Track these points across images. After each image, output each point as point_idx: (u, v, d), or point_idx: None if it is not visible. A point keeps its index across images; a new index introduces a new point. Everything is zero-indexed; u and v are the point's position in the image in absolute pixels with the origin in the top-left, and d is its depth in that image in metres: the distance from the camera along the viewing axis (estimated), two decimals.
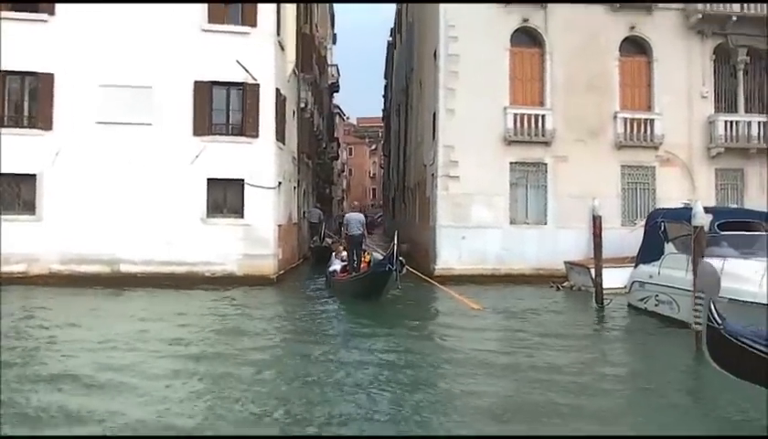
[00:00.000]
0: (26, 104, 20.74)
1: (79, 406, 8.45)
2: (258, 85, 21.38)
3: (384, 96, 61.36)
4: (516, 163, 23.07)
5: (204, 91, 21.19)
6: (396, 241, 16.76)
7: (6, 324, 13.83)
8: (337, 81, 49.27)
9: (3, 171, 20.29)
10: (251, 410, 8.51)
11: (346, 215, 20.48)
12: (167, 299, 18.27)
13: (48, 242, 20.31)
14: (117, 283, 20.07)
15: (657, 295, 15.58)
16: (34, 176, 20.51)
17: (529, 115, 23.01)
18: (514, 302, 18.67)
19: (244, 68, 21.20)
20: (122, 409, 8.36)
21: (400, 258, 16.86)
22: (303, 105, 28.18)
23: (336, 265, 20.60)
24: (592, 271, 19.93)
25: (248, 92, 21.40)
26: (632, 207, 23.53)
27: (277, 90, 22.13)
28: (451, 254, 22.67)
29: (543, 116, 23.07)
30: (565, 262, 21.71)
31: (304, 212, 29.90)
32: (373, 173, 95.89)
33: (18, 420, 7.97)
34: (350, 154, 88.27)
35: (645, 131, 23.45)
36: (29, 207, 20.56)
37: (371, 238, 35.24)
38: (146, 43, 20.79)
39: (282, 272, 22.67)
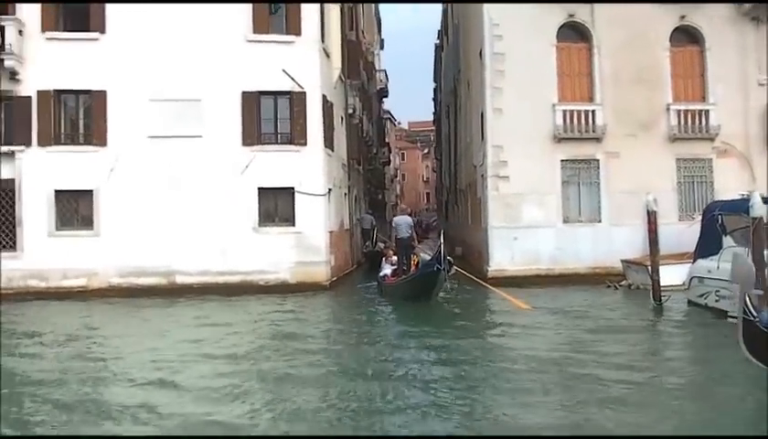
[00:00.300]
0: (81, 122, 21.34)
1: (143, 405, 8.66)
2: (304, 93, 21.55)
3: (434, 99, 61.20)
4: (566, 160, 22.68)
5: (252, 102, 21.45)
6: (442, 241, 16.85)
7: (73, 335, 14.42)
8: (386, 86, 49.34)
9: (62, 188, 20.88)
10: (309, 407, 8.65)
11: (395, 218, 20.59)
12: (223, 308, 18.45)
13: (106, 256, 20.82)
14: (174, 294, 20.44)
15: (717, 291, 15.11)
16: (91, 191, 21.06)
17: (579, 111, 22.61)
18: (568, 301, 18.39)
19: (290, 76, 21.39)
20: (184, 410, 8.54)
21: (449, 258, 16.96)
22: (351, 111, 28.28)
23: (387, 270, 20.60)
24: (650, 268, 19.59)
25: (295, 101, 21.59)
26: (689, 201, 22.90)
27: (324, 97, 22.27)
28: (503, 255, 22.41)
29: (593, 112, 22.65)
30: (622, 261, 21.25)
31: (356, 218, 29.99)
32: (426, 177, 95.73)
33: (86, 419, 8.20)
34: (403, 158, 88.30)
35: (700, 122, 22.81)
36: (87, 222, 21.11)
37: (426, 242, 35.33)
38: (194, 56, 21.15)
39: (334, 278, 22.75)
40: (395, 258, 20.51)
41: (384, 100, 58.15)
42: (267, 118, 21.76)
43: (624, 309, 17.07)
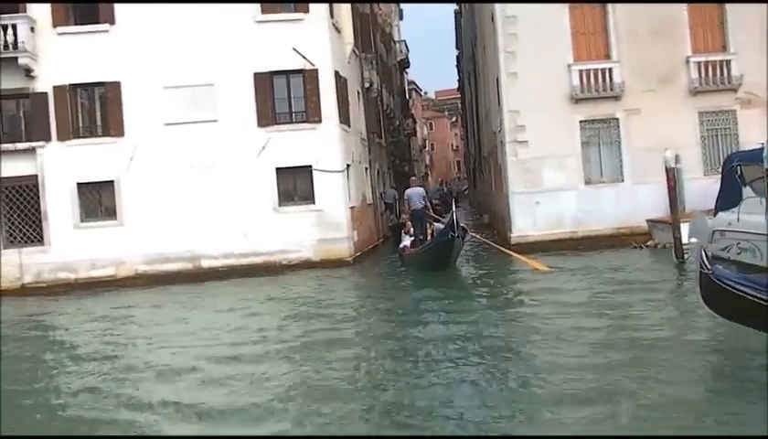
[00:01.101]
0: (98, 114, 21.57)
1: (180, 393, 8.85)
2: (316, 70, 21.50)
3: (457, 66, 60.59)
4: (585, 121, 22.31)
5: (264, 82, 21.48)
6: (454, 209, 17.32)
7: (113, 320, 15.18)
8: (407, 57, 48.99)
9: (84, 180, 21.21)
10: (337, 376, 8.99)
11: (407, 191, 20.77)
12: (248, 289, 18.70)
13: (131, 245, 21.13)
14: (200, 277, 20.74)
15: (739, 243, 14.82)
16: (112, 182, 21.35)
17: (596, 70, 22.16)
18: (591, 262, 18.39)
19: (301, 54, 21.34)
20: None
21: (462, 225, 17.44)
22: (367, 85, 28.15)
23: (406, 241, 20.79)
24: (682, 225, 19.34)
25: (307, 78, 21.57)
26: (713, 155, 22.37)
27: (336, 73, 22.19)
28: (525, 221, 22.22)
29: (610, 69, 22.18)
30: (647, 220, 20.97)
31: (379, 192, 29.98)
32: (456, 145, 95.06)
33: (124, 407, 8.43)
34: (431, 128, 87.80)
35: (722, 73, 22.20)
36: (111, 212, 21.44)
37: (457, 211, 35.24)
38: (204, 41, 21.18)
39: (358, 253, 22.83)
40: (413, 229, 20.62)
41: (407, 71, 57.81)
42: (280, 98, 21.80)
43: (645, 268, 16.96)
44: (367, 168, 27.14)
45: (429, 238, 19.35)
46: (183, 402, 8.31)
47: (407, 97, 52.86)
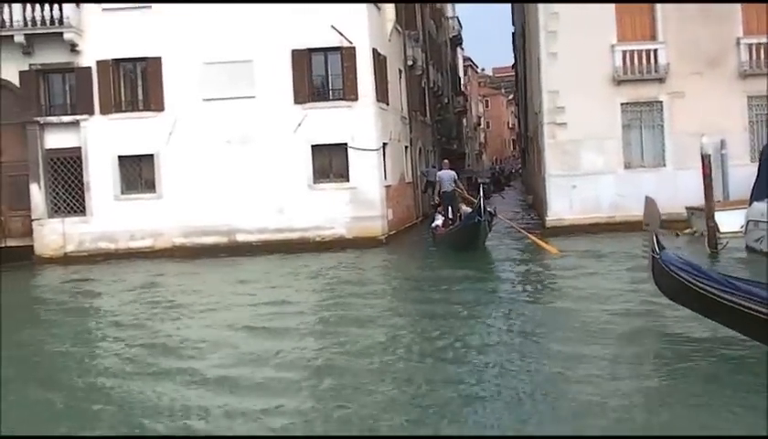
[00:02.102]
0: (139, 88, 22.01)
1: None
2: (354, 48, 21.48)
3: (513, 43, 59.70)
4: (627, 103, 21.77)
5: (302, 59, 21.57)
6: (482, 195, 17.59)
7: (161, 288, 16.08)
8: (459, 34, 48.44)
9: (125, 153, 21.74)
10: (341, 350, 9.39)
11: (438, 173, 20.97)
12: (279, 264, 19.05)
13: (169, 217, 21.61)
14: (235, 251, 21.15)
15: None
16: (152, 155, 21.82)
17: (640, 51, 21.56)
18: (612, 247, 18.19)
19: (338, 32, 21.33)
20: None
21: (489, 209, 17.80)
22: (410, 63, 27.96)
23: (438, 220, 20.91)
24: (715, 214, 18.81)
25: (344, 56, 21.57)
26: (762, 141, 21.54)
27: (374, 50, 22.13)
28: (561, 204, 21.88)
29: (655, 51, 21.55)
30: (686, 208, 20.40)
31: (421, 171, 29.88)
32: (512, 123, 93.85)
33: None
34: (487, 106, 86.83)
35: None
36: (150, 185, 21.94)
37: (509, 191, 34.92)
38: (242, 18, 21.32)
39: (393, 232, 22.88)
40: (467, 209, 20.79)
41: (461, 47, 57.21)
42: (317, 75, 21.91)
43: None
44: (407, 147, 27.05)
45: (458, 219, 19.48)
46: (209, 375, 8.56)
47: (459, 74, 52.29)
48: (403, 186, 25.78)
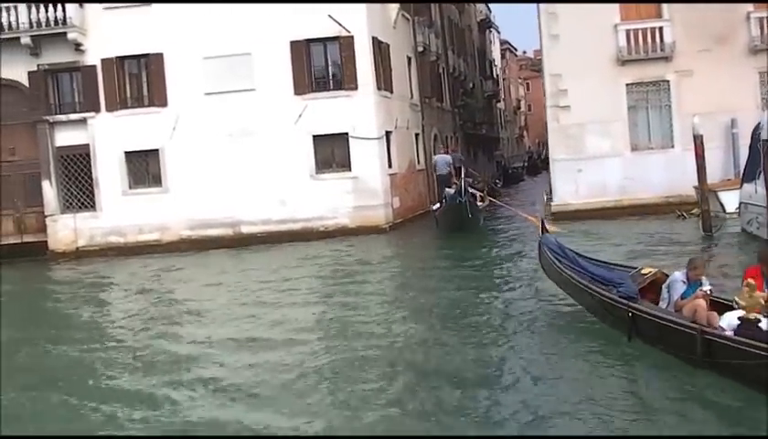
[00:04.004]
0: (143, 85, 22.37)
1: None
2: (351, 37, 21.46)
3: None
4: (633, 84, 21.23)
5: (300, 50, 21.63)
6: (463, 176, 18.59)
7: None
8: (487, 17, 47.80)
9: (131, 149, 22.16)
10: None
11: (435, 157, 21.10)
12: (281, 255, 19.25)
13: (175, 211, 21.99)
14: (240, 243, 21.41)
15: (758, 217, 13.87)
16: (157, 150, 22.19)
17: (644, 30, 20.98)
18: (613, 229, 17.99)
19: (336, 21, 21.31)
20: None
21: (472, 191, 19.13)
22: (421, 49, 27.73)
23: (438, 204, 20.95)
24: (720, 194, 18.28)
25: (343, 46, 21.54)
26: None
27: (374, 39, 22.05)
28: (567, 189, 21.50)
29: (661, 29, 20.95)
30: (694, 187, 19.79)
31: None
32: None
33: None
34: (527, 89, 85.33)
35: None
36: (156, 180, 22.35)
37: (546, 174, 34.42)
38: (241, 11, 21.43)
39: (400, 220, 22.85)
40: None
41: (494, 30, 56.48)
42: (316, 66, 21.98)
43: (664, 237, 16.18)
44: (418, 134, 26.87)
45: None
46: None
47: (491, 58, 51.61)
48: (413, 173, 25.65)
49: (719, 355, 6.49)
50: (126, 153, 22.21)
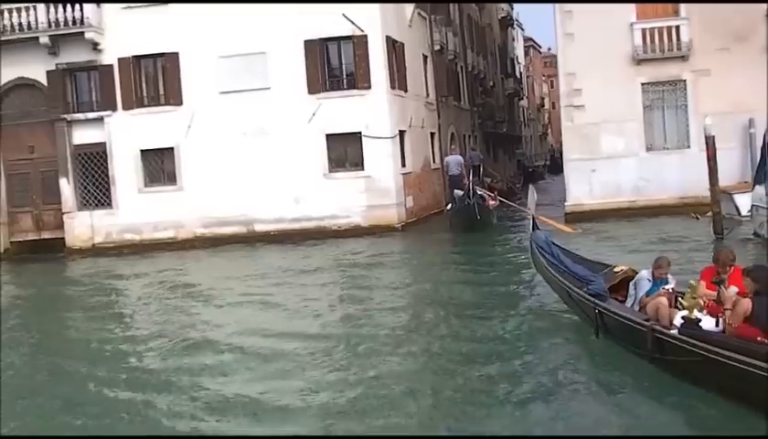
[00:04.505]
0: (159, 84, 22.58)
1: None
2: (365, 36, 21.47)
3: None
4: (648, 83, 20.99)
5: (314, 50, 21.69)
6: (470, 179, 18.95)
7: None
8: (509, 15, 47.52)
9: (146, 147, 22.39)
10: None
11: (446, 158, 21.10)
12: (294, 256, 19.26)
13: (190, 209, 22.15)
14: (253, 241, 21.55)
15: None
16: (172, 149, 22.39)
17: (660, 28, 20.73)
18: (631, 232, 17.86)
19: (350, 20, 21.32)
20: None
21: (480, 192, 19.66)
22: (438, 48, 27.67)
23: (450, 204, 21.19)
24: (735, 196, 18.01)
25: (356, 45, 21.56)
26: None
27: (387, 38, 22.04)
28: (580, 189, 21.33)
29: (677, 27, 20.69)
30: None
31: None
32: None
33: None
34: (551, 86, 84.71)
35: None
36: (171, 178, 22.55)
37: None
38: (256, 10, 21.47)
39: (413, 219, 22.84)
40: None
41: (518, 27, 56.14)
42: (330, 65, 21.98)
43: (672, 238, 16.03)
44: (433, 133, 26.82)
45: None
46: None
47: (512, 55, 51.32)
48: (428, 172, 25.61)
49: (667, 351, 6.82)
50: (142, 151, 22.44)
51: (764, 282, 6.28)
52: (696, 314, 6.64)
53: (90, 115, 22.55)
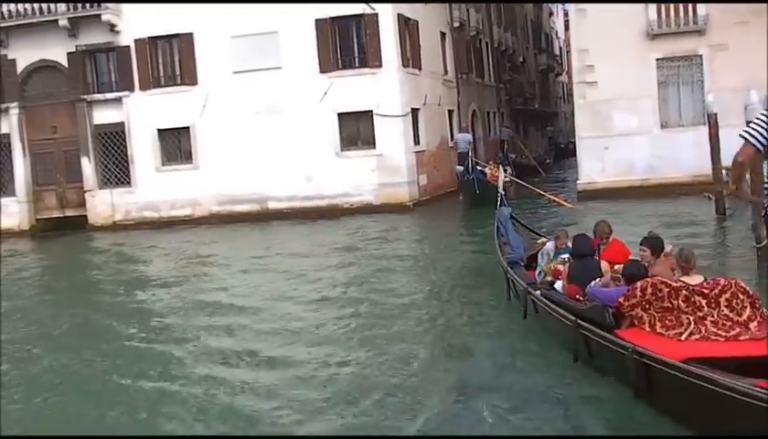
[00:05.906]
0: (175, 64, 22.96)
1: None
2: (376, 14, 21.45)
3: None
4: (663, 59, 20.52)
5: (325, 28, 21.76)
6: (471, 155, 20.28)
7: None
8: None
9: (163, 127, 22.85)
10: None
11: (456, 135, 21.05)
12: (305, 231, 19.81)
13: (205, 187, 22.60)
14: (267, 218, 21.90)
15: None
16: (188, 128, 22.81)
17: (676, 2, 20.23)
18: (638, 210, 17.50)
19: None
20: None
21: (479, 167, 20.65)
22: (457, 24, 27.46)
23: None
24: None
25: (367, 23, 21.57)
26: None
27: (399, 15, 21.99)
28: (593, 167, 21.07)
29: (693, 0, 20.16)
30: (725, 168, 19.10)
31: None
32: None
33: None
34: None
35: None
36: (188, 156, 23.00)
37: None
38: None
39: (427, 197, 22.90)
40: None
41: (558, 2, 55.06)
42: (341, 43, 22.03)
43: (673, 217, 15.81)
44: (451, 111, 26.72)
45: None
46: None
47: (547, 30, 50.47)
48: (444, 150, 25.52)
49: (539, 312, 7.85)
50: (159, 130, 22.91)
51: (651, 250, 6.80)
52: (550, 277, 8.09)
53: (110, 96, 23.10)
